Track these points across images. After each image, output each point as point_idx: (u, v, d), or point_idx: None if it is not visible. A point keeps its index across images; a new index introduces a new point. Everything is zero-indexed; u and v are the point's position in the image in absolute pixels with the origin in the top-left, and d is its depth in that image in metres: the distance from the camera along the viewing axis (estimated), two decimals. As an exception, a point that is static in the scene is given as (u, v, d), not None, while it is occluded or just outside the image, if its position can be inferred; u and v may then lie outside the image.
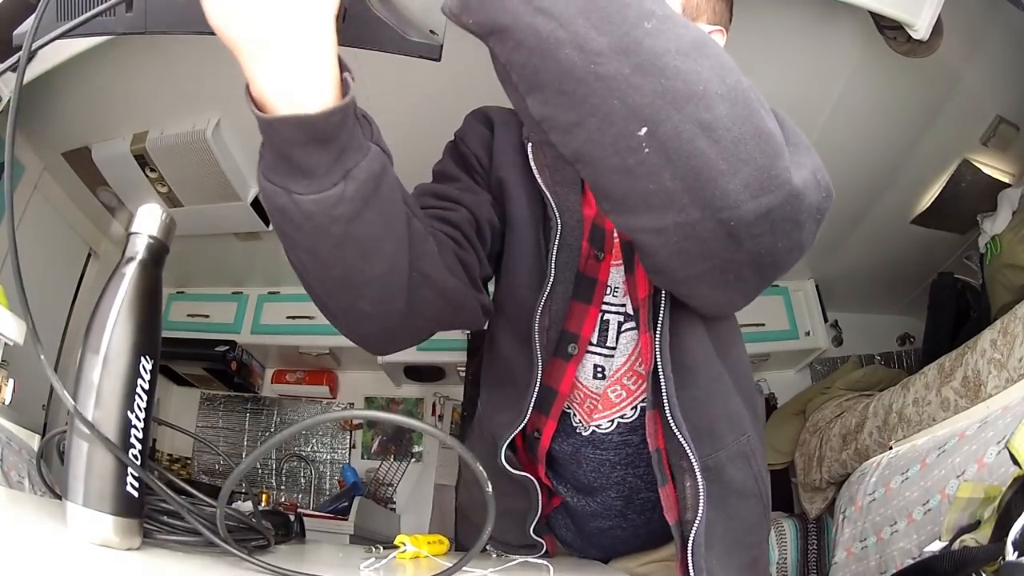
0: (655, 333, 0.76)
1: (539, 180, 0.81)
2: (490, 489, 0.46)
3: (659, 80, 0.47)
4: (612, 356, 0.86)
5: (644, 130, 0.48)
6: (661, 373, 0.74)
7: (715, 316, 0.80)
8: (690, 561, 0.73)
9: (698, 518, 0.73)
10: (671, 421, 0.74)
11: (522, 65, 0.49)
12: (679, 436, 0.74)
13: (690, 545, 0.73)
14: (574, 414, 0.88)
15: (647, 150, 0.48)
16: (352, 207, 0.53)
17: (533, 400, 0.81)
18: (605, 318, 0.85)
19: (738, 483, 0.78)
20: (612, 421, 0.86)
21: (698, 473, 0.73)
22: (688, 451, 0.74)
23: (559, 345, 0.84)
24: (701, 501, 0.73)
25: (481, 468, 0.45)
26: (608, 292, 0.85)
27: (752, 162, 0.50)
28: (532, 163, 0.82)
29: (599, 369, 0.86)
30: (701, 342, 0.79)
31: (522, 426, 0.83)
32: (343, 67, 0.51)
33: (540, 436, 0.88)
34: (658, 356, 0.75)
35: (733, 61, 0.51)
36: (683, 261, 0.58)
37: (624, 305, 0.85)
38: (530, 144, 0.84)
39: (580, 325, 0.85)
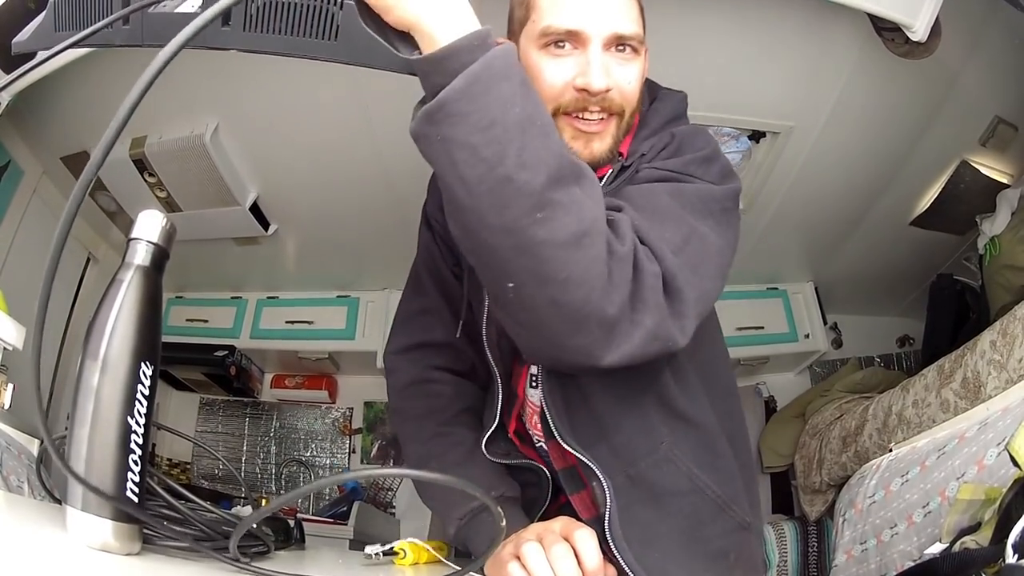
0: (540, 367, 0.82)
1: None
2: (504, 524, 0.53)
3: (530, 262, 0.58)
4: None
5: (510, 286, 0.61)
6: (546, 410, 0.81)
7: None
8: (613, 548, 0.77)
9: (607, 510, 0.78)
10: (566, 447, 0.80)
11: (447, 200, 0.60)
12: (581, 456, 0.80)
13: (608, 535, 0.78)
14: (528, 427, 0.92)
15: (511, 296, 0.61)
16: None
17: (500, 405, 0.89)
18: None
19: (668, 484, 0.81)
20: None
21: (601, 476, 0.79)
22: (591, 465, 0.79)
23: (516, 351, 0.88)
24: (609, 497, 0.78)
25: (500, 510, 0.53)
26: None
27: (588, 334, 0.62)
28: None
29: (533, 377, 0.88)
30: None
31: (494, 426, 0.89)
32: None
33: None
34: (545, 392, 0.81)
35: (608, 248, 0.61)
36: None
37: None
38: None
39: None
